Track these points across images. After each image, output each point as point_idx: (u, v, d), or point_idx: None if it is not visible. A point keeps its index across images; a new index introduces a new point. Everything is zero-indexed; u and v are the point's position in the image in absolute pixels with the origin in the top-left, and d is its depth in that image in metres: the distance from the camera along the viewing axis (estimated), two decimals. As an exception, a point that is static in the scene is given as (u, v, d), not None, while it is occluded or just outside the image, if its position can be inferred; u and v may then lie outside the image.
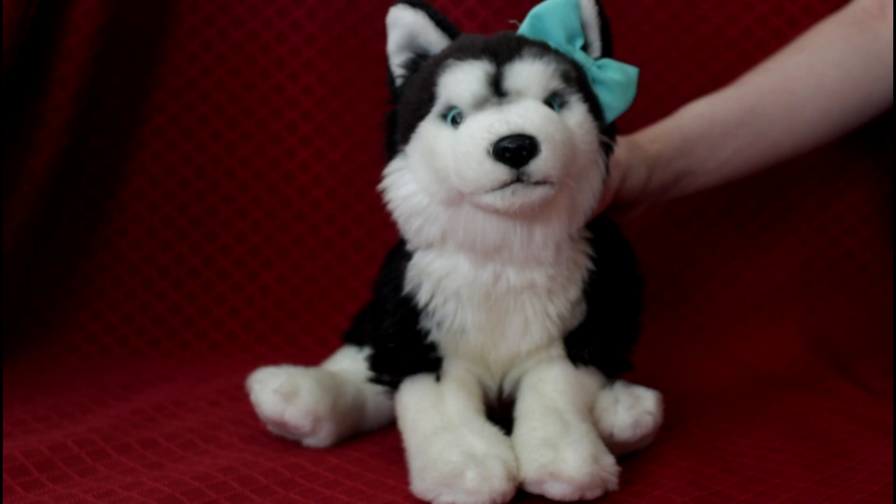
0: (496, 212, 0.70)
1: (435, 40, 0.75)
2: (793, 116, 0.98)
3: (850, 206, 1.23)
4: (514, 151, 0.66)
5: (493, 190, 0.68)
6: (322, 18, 1.24)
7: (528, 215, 0.71)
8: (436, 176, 0.72)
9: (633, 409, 0.79)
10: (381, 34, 0.78)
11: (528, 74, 0.70)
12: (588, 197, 0.74)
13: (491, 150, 0.67)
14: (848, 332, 1.19)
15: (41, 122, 1.15)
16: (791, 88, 0.98)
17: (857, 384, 1.04)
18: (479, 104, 0.70)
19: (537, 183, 0.68)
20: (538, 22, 0.73)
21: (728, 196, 1.24)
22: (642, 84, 1.21)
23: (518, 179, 0.67)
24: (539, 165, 0.67)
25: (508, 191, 0.68)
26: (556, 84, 0.71)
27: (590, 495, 0.70)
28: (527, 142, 0.66)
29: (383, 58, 0.78)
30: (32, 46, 1.13)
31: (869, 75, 0.99)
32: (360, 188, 1.23)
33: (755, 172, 1.03)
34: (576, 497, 0.69)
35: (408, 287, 0.78)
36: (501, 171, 0.67)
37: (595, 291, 0.78)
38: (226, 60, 1.24)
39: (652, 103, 1.17)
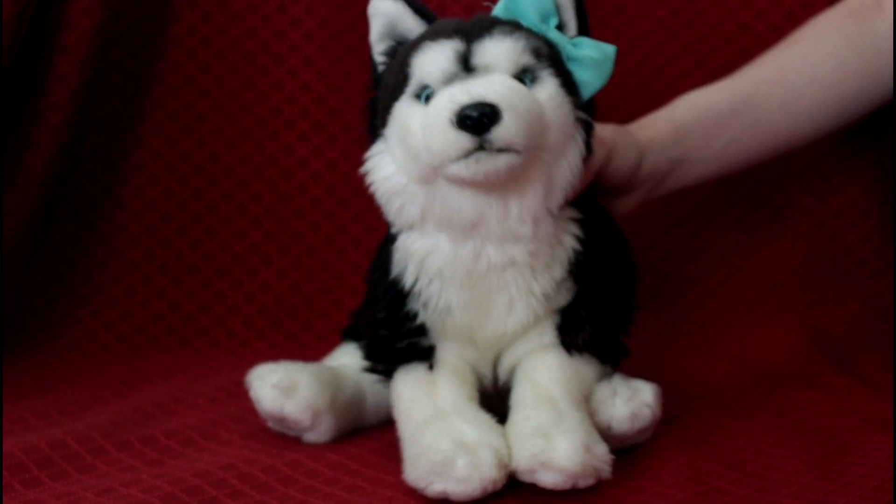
0: (463, 182, 0.71)
1: (413, 27, 0.76)
2: (788, 106, 0.99)
3: (850, 202, 1.23)
4: (476, 119, 0.67)
5: (458, 159, 0.68)
6: (320, 15, 1.24)
7: (500, 187, 0.71)
8: (409, 153, 0.73)
9: (632, 401, 0.79)
10: (378, 30, 0.78)
11: (497, 51, 0.71)
12: (565, 172, 0.74)
13: (454, 119, 0.68)
14: (848, 328, 1.19)
15: (40, 119, 1.15)
16: (786, 78, 0.99)
17: (857, 380, 1.04)
18: (449, 80, 0.71)
19: (500, 150, 0.68)
20: (512, 4, 0.75)
21: (727, 192, 1.24)
22: (641, 80, 1.23)
23: (481, 147, 0.68)
24: (500, 133, 0.68)
25: (472, 159, 0.68)
26: (527, 60, 0.72)
27: (582, 484, 0.70)
28: (487, 109, 0.67)
29: (370, 46, 0.79)
30: (31, 44, 1.13)
31: (865, 67, 0.99)
32: (358, 185, 1.22)
33: (754, 163, 1.03)
34: (567, 486, 0.69)
35: (395, 270, 0.79)
36: (464, 139, 0.68)
37: (582, 272, 0.78)
38: (225, 57, 1.24)
39: (650, 99, 1.17)
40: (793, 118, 0.99)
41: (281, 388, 0.83)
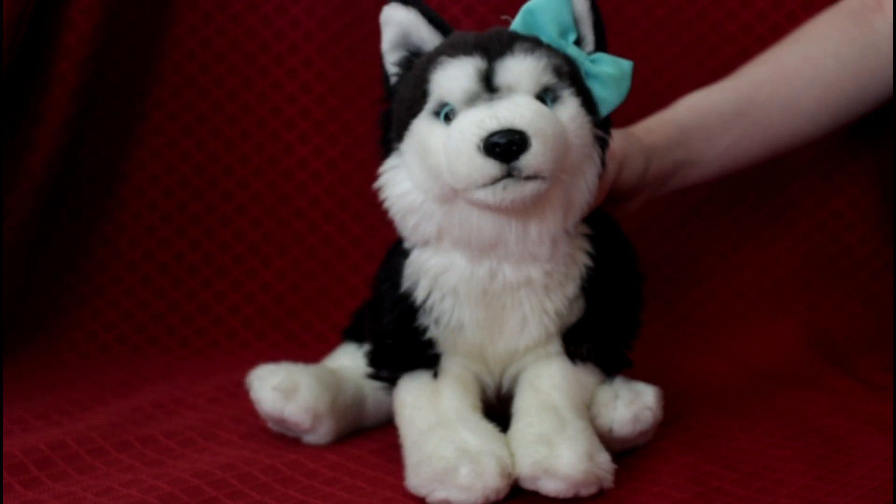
0: (488, 208, 0.70)
1: (428, 38, 0.75)
2: (790, 106, 0.99)
3: (850, 201, 1.23)
4: (504, 146, 0.66)
5: (485, 185, 0.68)
6: (320, 15, 1.24)
7: (521, 210, 0.71)
8: (429, 173, 0.72)
9: (633, 404, 0.78)
10: (380, 31, 0.77)
11: (520, 70, 0.70)
12: (583, 191, 0.74)
13: (481, 145, 0.67)
14: (848, 328, 1.19)
15: (40, 119, 1.15)
16: (787, 79, 0.99)
17: (857, 380, 1.04)
18: (471, 100, 0.70)
19: (528, 178, 0.68)
20: (530, 17, 0.74)
21: (727, 192, 1.24)
22: (641, 80, 1.22)
23: (509, 174, 0.67)
24: (530, 160, 0.67)
25: (500, 186, 0.68)
26: (548, 79, 0.71)
27: (584, 492, 0.70)
28: (517, 136, 0.66)
29: (381, 55, 0.78)
30: (31, 44, 1.12)
31: (866, 66, 0.99)
32: (358, 185, 1.23)
33: (755, 163, 1.03)
34: (570, 494, 0.69)
35: (405, 284, 0.78)
36: (492, 167, 0.67)
37: (593, 288, 0.78)
38: (224, 57, 1.24)
39: (651, 99, 1.17)
40: (794, 119, 0.99)
41: (282, 390, 0.83)
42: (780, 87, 0.98)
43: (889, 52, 0.99)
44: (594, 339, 0.79)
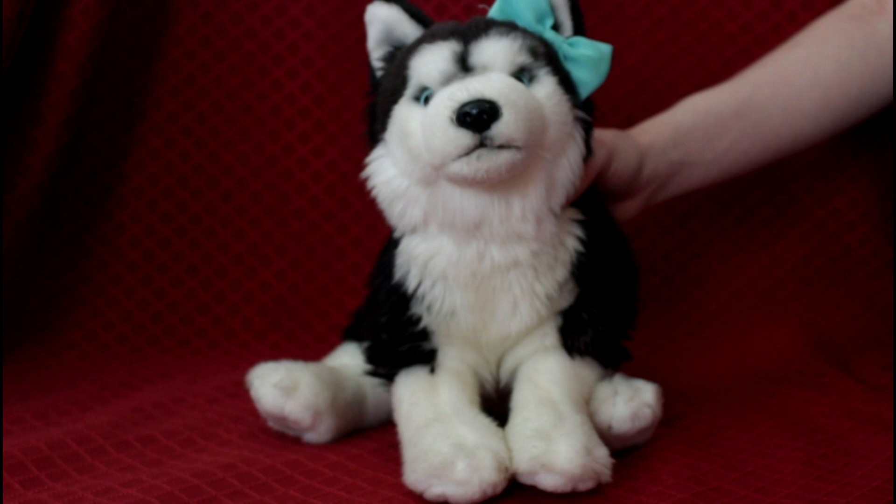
0: (465, 180, 0.71)
1: (410, 32, 0.77)
2: (790, 108, 0.99)
3: (850, 201, 1.23)
4: (476, 116, 0.68)
5: (459, 157, 0.69)
6: (320, 15, 1.24)
7: (501, 185, 0.72)
8: (410, 156, 0.73)
9: (633, 401, 0.79)
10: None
11: (494, 50, 0.72)
12: (566, 170, 0.75)
13: (453, 117, 0.68)
14: (847, 328, 1.19)
15: (39, 119, 1.15)
16: (787, 81, 0.99)
17: (857, 380, 1.04)
18: (447, 81, 0.72)
19: (501, 147, 0.69)
20: (507, 6, 0.76)
21: (727, 192, 1.24)
22: (642, 80, 1.22)
23: (482, 144, 0.68)
24: (501, 129, 0.68)
25: (473, 156, 0.69)
26: (524, 59, 0.73)
27: (582, 487, 0.70)
28: (487, 106, 0.68)
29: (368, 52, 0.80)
30: (30, 43, 1.13)
31: (867, 68, 0.99)
32: (358, 185, 1.21)
33: (756, 166, 1.03)
34: (568, 489, 0.69)
35: (398, 274, 0.79)
36: (464, 137, 0.68)
37: (584, 273, 0.79)
38: (224, 57, 1.24)
39: (651, 99, 1.17)
40: (794, 120, 0.99)
41: (282, 388, 0.83)
42: (780, 89, 0.98)
43: (891, 53, 0.99)
44: (591, 332, 0.79)
